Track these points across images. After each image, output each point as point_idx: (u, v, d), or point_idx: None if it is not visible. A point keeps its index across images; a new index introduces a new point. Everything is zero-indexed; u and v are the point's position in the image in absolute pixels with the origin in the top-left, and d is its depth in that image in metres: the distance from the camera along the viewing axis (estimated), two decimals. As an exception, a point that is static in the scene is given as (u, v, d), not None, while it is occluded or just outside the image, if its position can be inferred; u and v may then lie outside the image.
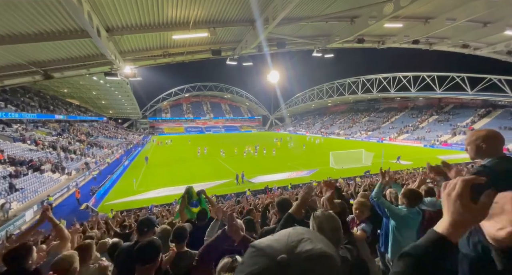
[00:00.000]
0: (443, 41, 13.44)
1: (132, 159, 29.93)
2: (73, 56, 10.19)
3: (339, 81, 54.25)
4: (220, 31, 10.51)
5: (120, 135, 46.05)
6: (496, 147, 1.48)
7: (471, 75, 32.43)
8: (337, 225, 1.30)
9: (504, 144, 1.50)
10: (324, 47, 13.11)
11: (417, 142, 36.44)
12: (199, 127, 74.39)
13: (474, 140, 1.52)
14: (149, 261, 1.51)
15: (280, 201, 2.35)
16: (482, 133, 1.52)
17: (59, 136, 27.37)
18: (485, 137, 1.49)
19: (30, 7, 6.44)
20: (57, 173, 18.86)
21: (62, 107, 36.46)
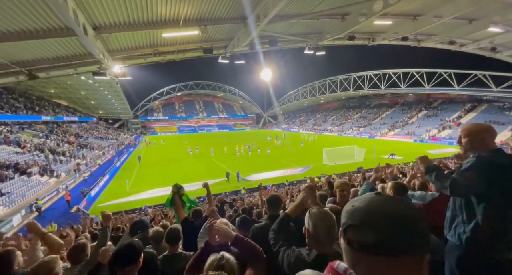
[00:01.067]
0: (431, 38, 13.73)
1: (124, 159, 29.42)
2: (59, 56, 9.86)
3: (331, 78, 54.77)
4: (211, 29, 10.39)
5: (111, 136, 45.11)
6: (490, 140, 1.54)
7: (458, 71, 33.37)
8: (333, 222, 1.31)
9: (495, 137, 1.56)
10: (316, 44, 13.17)
11: (407, 137, 37.32)
12: (192, 126, 73.69)
13: (474, 133, 1.57)
14: (129, 263, 1.48)
15: (270, 198, 2.36)
16: (479, 127, 1.58)
17: (46, 138, 26.56)
18: (482, 130, 1.55)
19: (11, 4, 6.18)
20: (46, 175, 18.33)
21: (49, 108, 35.33)
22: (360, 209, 0.54)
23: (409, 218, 0.50)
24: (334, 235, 1.30)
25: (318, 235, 1.28)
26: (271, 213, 2.35)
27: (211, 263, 1.21)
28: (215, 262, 1.20)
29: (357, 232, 0.52)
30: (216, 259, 1.21)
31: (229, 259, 1.23)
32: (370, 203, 0.54)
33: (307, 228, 1.33)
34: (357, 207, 0.55)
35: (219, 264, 1.18)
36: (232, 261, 1.24)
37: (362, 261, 0.51)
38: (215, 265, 1.18)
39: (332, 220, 1.32)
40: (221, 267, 1.17)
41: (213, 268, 1.16)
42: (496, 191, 1.43)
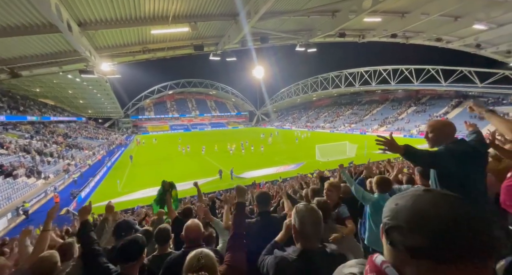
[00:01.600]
0: (419, 35, 14.02)
1: (115, 159, 28.86)
2: (43, 53, 9.51)
3: (322, 75, 55.19)
4: (202, 26, 10.26)
5: (101, 136, 44.10)
6: (452, 133, 1.76)
7: (445, 67, 34.24)
8: (319, 219, 1.32)
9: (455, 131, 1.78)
10: (307, 41, 13.21)
11: (397, 132, 38.14)
12: (184, 125, 72.90)
13: (438, 128, 1.77)
14: (132, 258, 1.48)
15: (259, 195, 2.37)
16: (442, 123, 1.80)
17: (32, 139, 25.70)
18: (445, 125, 1.77)
19: (-11, -1, 5.91)
20: (33, 177, 17.79)
21: (34, 108, 34.13)
22: (405, 209, 0.48)
23: (467, 218, 0.43)
24: (320, 231, 1.32)
25: (304, 231, 1.29)
26: (261, 210, 2.37)
27: (189, 263, 1.16)
28: (194, 262, 1.15)
29: (403, 234, 0.46)
30: (194, 259, 1.16)
31: (208, 255, 1.20)
32: (417, 201, 0.47)
33: (293, 224, 1.34)
34: (402, 206, 0.49)
35: (199, 264, 1.13)
36: (211, 257, 1.21)
37: (408, 264, 0.46)
38: (194, 267, 1.13)
39: (318, 216, 1.33)
40: (200, 267, 1.12)
41: (193, 269, 1.12)
42: (465, 173, 1.59)
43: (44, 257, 1.52)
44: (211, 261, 1.18)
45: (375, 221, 2.38)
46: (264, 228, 2.11)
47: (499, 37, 13.84)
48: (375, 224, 2.37)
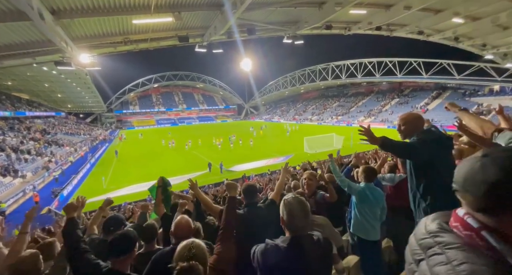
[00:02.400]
0: (402, 28, 14.36)
1: (99, 156, 27.87)
2: (13, 42, 8.83)
3: (310, 68, 55.46)
4: (186, 16, 9.91)
5: (83, 132, 42.23)
6: (422, 124, 1.91)
7: (426, 60, 35.50)
8: (307, 210, 1.35)
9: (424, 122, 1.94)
10: (294, 33, 13.16)
11: (381, 123, 39.45)
12: (171, 119, 71.26)
13: (410, 120, 1.92)
14: (124, 252, 1.48)
15: (245, 187, 2.40)
16: (412, 115, 1.94)
17: (5, 136, 24.17)
18: (416, 118, 1.92)
19: None
20: (8, 176, 16.85)
21: (7, 103, 31.93)
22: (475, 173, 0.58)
23: None
24: (308, 222, 1.35)
25: (292, 223, 1.32)
26: (247, 202, 2.40)
27: (181, 253, 1.18)
28: (185, 252, 1.17)
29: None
30: (186, 249, 1.18)
31: (200, 246, 1.22)
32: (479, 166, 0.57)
33: (281, 216, 1.37)
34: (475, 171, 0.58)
35: (190, 254, 1.15)
36: (202, 247, 1.23)
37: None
38: (185, 256, 1.15)
39: (306, 208, 1.35)
40: (191, 257, 1.14)
41: (184, 259, 1.13)
42: (437, 159, 1.71)
43: (24, 257, 1.47)
44: (202, 252, 1.20)
45: (359, 209, 2.45)
46: (251, 219, 2.15)
47: (475, 31, 14.47)
48: (360, 212, 2.45)
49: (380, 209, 2.46)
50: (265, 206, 2.38)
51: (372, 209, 2.41)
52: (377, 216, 2.43)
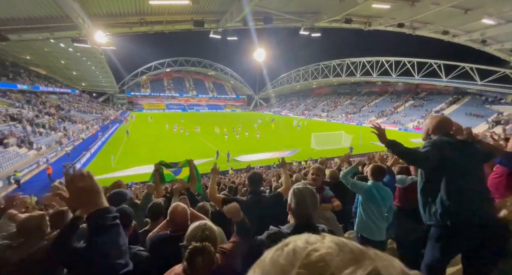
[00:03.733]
0: (426, 26, 13.65)
1: (109, 135, 28.60)
2: (32, 16, 8.97)
3: (324, 63, 54.05)
4: (203, 0, 9.73)
5: (95, 110, 43.23)
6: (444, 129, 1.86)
7: (447, 62, 33.82)
8: (315, 201, 1.35)
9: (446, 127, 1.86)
10: (312, 25, 12.76)
11: (392, 125, 38.51)
12: (181, 105, 71.73)
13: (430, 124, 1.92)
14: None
15: (251, 175, 2.42)
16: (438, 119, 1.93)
17: (23, 108, 25.04)
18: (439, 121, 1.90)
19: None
20: (24, 147, 17.60)
21: (25, 76, 32.84)
22: None
23: None
24: (314, 213, 1.35)
25: (299, 212, 1.32)
26: (252, 189, 2.43)
27: (193, 233, 1.19)
28: (199, 232, 1.18)
29: None
30: (199, 229, 1.20)
31: (212, 228, 1.24)
32: None
33: (289, 203, 1.37)
34: None
35: (203, 235, 1.17)
36: (214, 230, 1.24)
37: None
38: (198, 236, 1.16)
39: (315, 199, 1.35)
40: (204, 238, 1.15)
41: (197, 239, 1.15)
42: (449, 164, 1.66)
43: (30, 217, 1.55)
44: (214, 234, 1.22)
45: (365, 208, 2.39)
46: (254, 206, 2.18)
47: (505, 34, 13.61)
48: (365, 211, 2.39)
49: (387, 209, 2.38)
50: (270, 196, 2.40)
51: (379, 208, 2.35)
52: (383, 216, 2.36)
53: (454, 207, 1.64)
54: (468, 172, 1.68)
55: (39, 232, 1.52)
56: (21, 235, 1.49)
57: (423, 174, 1.82)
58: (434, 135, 1.84)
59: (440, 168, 1.69)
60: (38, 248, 1.43)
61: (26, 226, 1.50)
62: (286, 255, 0.31)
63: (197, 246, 1.09)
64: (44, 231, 1.56)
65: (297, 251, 0.31)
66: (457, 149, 1.71)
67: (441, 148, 1.70)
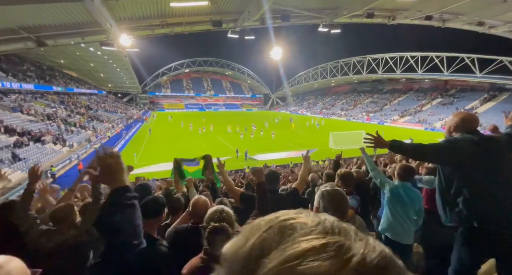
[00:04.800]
0: (458, 17, 12.66)
1: (133, 133, 30.12)
2: (66, 23, 9.69)
3: (344, 60, 52.35)
4: (222, 0, 9.85)
5: (120, 110, 45.73)
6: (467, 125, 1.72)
7: (482, 56, 31.08)
8: (345, 207, 1.31)
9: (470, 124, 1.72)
10: (331, 21, 12.39)
11: (418, 124, 36.34)
12: (199, 104, 73.55)
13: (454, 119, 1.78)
14: (154, 215, 1.57)
15: (268, 173, 2.41)
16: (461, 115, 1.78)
17: (57, 109, 27.19)
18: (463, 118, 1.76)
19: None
20: (59, 144, 19.10)
21: (60, 79, 35.64)
22: None
23: None
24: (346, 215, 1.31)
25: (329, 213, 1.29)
26: (269, 188, 2.42)
27: (212, 215, 1.29)
28: (217, 214, 1.28)
29: None
30: (217, 212, 1.30)
31: (229, 212, 1.33)
32: None
33: (316, 207, 1.33)
34: None
35: (220, 216, 1.26)
36: (231, 214, 1.34)
37: None
38: (216, 217, 1.26)
39: (344, 204, 1.30)
40: (222, 219, 1.25)
41: (215, 220, 1.24)
42: (470, 161, 1.56)
43: (60, 206, 1.69)
44: (230, 217, 1.31)
45: (391, 209, 2.27)
46: (272, 205, 2.18)
47: (553, 24, 12.23)
48: (391, 211, 2.27)
49: (416, 212, 2.24)
50: (287, 194, 2.40)
51: (406, 210, 2.22)
52: (411, 218, 2.22)
53: (482, 207, 1.52)
54: (494, 169, 1.55)
55: (68, 221, 1.65)
56: (53, 224, 1.62)
57: (442, 172, 1.71)
58: (456, 133, 1.72)
59: (461, 166, 1.59)
60: (68, 236, 1.54)
61: (57, 215, 1.64)
62: (268, 218, 0.31)
63: (216, 225, 1.18)
64: (73, 220, 1.69)
65: (279, 216, 0.30)
66: (480, 145, 1.58)
67: (459, 144, 1.59)
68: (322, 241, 0.24)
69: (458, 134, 1.69)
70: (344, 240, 0.25)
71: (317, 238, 0.25)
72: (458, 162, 1.59)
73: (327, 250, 0.23)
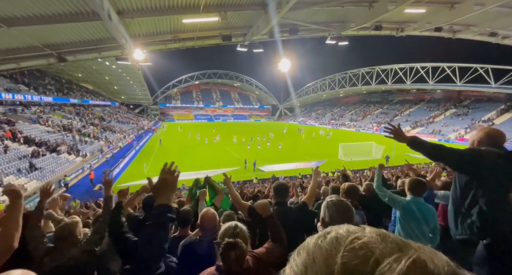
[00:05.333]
0: (469, 28, 12.52)
1: (143, 144, 30.75)
2: (85, 39, 10.26)
3: (352, 71, 52.43)
4: (231, 16, 10.22)
5: (132, 121, 47.10)
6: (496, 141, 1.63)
7: (496, 66, 30.36)
8: (352, 215, 1.30)
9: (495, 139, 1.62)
10: (339, 34, 12.53)
11: (431, 136, 35.24)
12: (208, 115, 74.80)
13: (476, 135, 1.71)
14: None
15: (277, 185, 2.37)
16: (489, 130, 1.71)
17: (73, 120, 28.33)
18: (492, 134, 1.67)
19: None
20: (73, 154, 19.70)
21: (76, 91, 37.42)
22: None
23: None
24: None
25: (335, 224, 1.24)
26: (278, 200, 2.36)
27: (227, 230, 1.30)
28: (231, 230, 1.28)
29: None
30: (231, 228, 1.30)
31: (242, 229, 1.34)
32: None
33: (322, 217, 1.32)
34: None
35: (234, 232, 1.26)
36: (244, 230, 1.34)
37: None
38: (230, 233, 1.26)
39: (350, 214, 1.29)
40: (236, 235, 1.25)
41: (229, 235, 1.24)
42: (490, 172, 1.48)
43: (64, 225, 1.67)
44: (244, 233, 1.32)
45: (404, 226, 2.17)
46: (280, 217, 2.10)
47: None
48: (404, 229, 2.16)
49: (431, 229, 2.13)
50: (296, 207, 2.33)
51: (419, 227, 2.11)
52: (426, 236, 2.11)
53: (499, 220, 1.42)
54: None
55: (73, 238, 1.62)
56: (57, 242, 1.60)
57: (459, 181, 1.62)
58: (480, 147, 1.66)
59: (481, 176, 1.51)
60: (70, 256, 1.51)
61: (61, 233, 1.61)
62: (330, 241, 0.31)
63: (230, 241, 1.17)
64: (77, 238, 1.65)
65: (339, 238, 0.31)
66: (505, 159, 1.50)
67: (484, 154, 1.53)
68: (408, 261, 0.25)
69: (484, 147, 1.62)
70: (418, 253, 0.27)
71: (398, 258, 0.26)
72: (478, 172, 1.52)
73: (417, 268, 0.25)
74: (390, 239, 0.30)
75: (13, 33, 8.42)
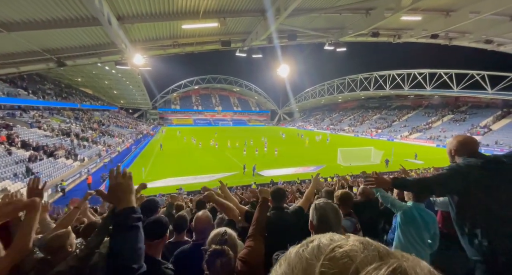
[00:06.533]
0: (464, 36, 12.73)
1: (141, 148, 30.62)
2: (85, 44, 10.32)
3: (350, 76, 52.96)
4: (230, 22, 10.34)
5: (131, 125, 47.04)
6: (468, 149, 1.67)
7: (493, 73, 30.79)
8: (338, 219, 1.29)
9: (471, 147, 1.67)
10: (337, 40, 12.70)
11: (429, 141, 35.36)
12: (207, 119, 74.91)
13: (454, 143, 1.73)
14: (157, 237, 1.54)
15: (274, 190, 2.37)
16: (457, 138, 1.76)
17: (72, 124, 28.24)
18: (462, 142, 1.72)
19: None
20: (70, 159, 19.55)
21: (76, 96, 37.44)
22: None
23: None
24: (337, 230, 1.25)
25: (321, 229, 1.24)
26: (274, 205, 2.35)
27: (215, 237, 1.25)
28: (219, 237, 1.23)
29: None
30: (219, 234, 1.25)
31: (231, 235, 1.29)
32: None
33: (310, 220, 1.31)
34: None
35: (222, 239, 1.22)
36: (234, 236, 1.29)
37: None
38: (218, 240, 1.22)
39: (338, 216, 1.29)
40: (224, 242, 1.20)
41: (216, 242, 1.20)
42: (478, 188, 1.46)
43: (55, 236, 1.58)
44: (233, 240, 1.27)
45: (404, 231, 2.15)
46: (277, 222, 2.10)
47: None
48: (404, 234, 2.15)
49: (431, 236, 2.12)
50: (292, 212, 2.34)
51: (420, 233, 2.10)
52: (426, 242, 2.11)
53: (504, 236, 1.39)
54: (509, 192, 1.43)
55: (62, 251, 1.54)
56: (47, 253, 1.50)
57: (453, 202, 1.60)
58: (459, 157, 1.67)
59: (469, 193, 1.50)
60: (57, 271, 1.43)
61: (51, 246, 1.51)
62: (311, 250, 0.31)
63: (216, 248, 1.13)
64: (67, 251, 1.57)
65: (321, 246, 0.31)
66: (487, 169, 1.49)
67: (462, 170, 1.53)
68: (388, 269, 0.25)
69: (461, 159, 1.64)
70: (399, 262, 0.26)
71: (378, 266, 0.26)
72: (465, 189, 1.51)
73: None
74: (372, 247, 0.30)
75: (13, 37, 8.45)
